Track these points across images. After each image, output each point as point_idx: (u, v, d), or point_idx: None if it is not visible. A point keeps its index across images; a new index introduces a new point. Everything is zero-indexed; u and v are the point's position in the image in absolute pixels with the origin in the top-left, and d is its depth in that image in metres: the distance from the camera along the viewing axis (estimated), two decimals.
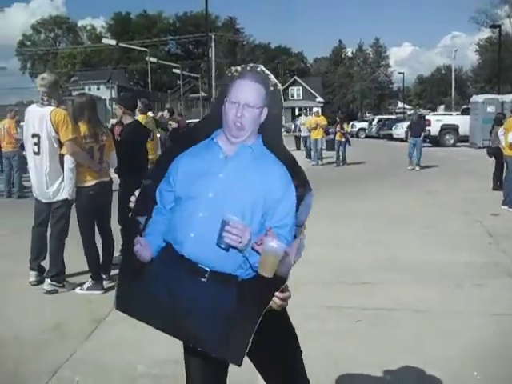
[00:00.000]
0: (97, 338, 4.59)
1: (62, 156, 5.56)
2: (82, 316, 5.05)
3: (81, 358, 4.16)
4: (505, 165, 10.88)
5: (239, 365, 1.97)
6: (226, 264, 1.96)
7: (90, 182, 5.63)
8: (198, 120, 2.61)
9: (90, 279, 5.72)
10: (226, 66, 63.10)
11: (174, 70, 53.54)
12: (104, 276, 5.91)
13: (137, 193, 2.12)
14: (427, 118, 28.98)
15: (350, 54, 79.86)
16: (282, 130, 2.25)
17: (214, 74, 44.15)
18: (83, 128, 5.62)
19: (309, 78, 73.26)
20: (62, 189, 5.60)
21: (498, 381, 3.35)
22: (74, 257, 5.86)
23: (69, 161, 5.48)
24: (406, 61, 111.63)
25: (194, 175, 2.05)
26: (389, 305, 5.13)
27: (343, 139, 19.33)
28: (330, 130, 22.05)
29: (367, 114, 66.47)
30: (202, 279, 1.98)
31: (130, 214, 2.13)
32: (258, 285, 1.93)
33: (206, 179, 2.03)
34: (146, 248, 2.06)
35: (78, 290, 5.69)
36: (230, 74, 2.07)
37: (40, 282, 5.83)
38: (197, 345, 2.02)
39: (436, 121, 28.11)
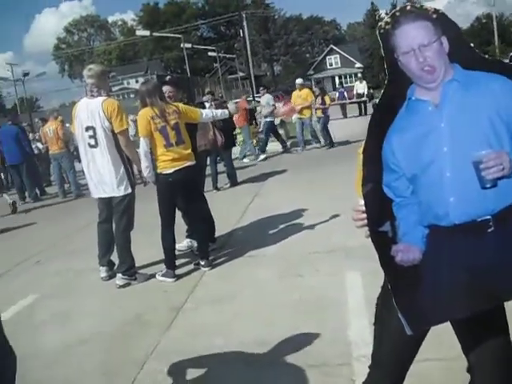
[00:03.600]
0: (178, 326, 4.49)
1: (119, 147, 5.40)
2: (160, 306, 4.97)
3: (166, 348, 4.08)
4: None
5: None
6: (503, 197, 1.79)
7: (167, 169, 5.42)
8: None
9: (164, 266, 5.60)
10: (261, 42, 62.61)
11: (210, 53, 53.45)
12: (202, 263, 5.72)
13: (361, 208, 1.93)
14: None
15: (383, 16, 77.86)
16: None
17: (249, 53, 43.79)
18: (149, 112, 5.36)
19: (345, 44, 71.92)
20: (123, 182, 5.41)
21: None
22: (145, 246, 5.74)
23: (143, 147, 5.37)
24: None
25: (415, 144, 1.86)
26: None
27: (322, 115, 15.28)
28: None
29: None
30: (489, 230, 1.80)
31: (369, 233, 1.92)
32: None
33: (431, 138, 1.84)
34: (409, 249, 1.86)
35: (157, 275, 5.58)
36: (381, 31, 1.86)
37: (111, 276, 5.77)
38: (505, 299, 1.92)
39: None
